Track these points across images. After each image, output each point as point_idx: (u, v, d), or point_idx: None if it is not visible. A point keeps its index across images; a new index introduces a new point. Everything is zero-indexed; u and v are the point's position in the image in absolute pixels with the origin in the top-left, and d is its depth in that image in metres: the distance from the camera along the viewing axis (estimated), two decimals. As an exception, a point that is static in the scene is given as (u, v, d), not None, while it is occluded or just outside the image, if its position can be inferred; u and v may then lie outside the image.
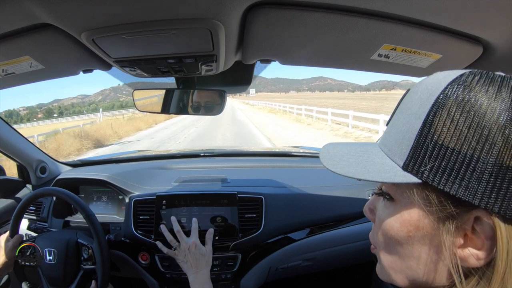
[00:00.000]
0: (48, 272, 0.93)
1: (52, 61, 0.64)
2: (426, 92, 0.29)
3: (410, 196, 0.29)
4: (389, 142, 0.32)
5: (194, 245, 0.87)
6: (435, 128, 0.27)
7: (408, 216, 0.30)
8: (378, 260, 0.37)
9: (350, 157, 0.35)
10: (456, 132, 0.26)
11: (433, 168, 0.27)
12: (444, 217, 0.28)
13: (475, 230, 0.27)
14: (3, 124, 1.11)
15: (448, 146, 0.26)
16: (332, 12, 0.49)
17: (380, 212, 0.35)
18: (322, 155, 0.37)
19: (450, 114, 0.26)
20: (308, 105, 19.08)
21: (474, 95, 0.26)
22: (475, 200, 0.26)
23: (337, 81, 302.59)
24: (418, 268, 0.31)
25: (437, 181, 0.27)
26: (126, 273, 1.13)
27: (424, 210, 0.29)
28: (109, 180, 1.14)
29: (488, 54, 0.58)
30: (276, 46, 0.62)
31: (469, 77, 0.27)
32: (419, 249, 0.30)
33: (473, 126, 0.25)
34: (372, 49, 0.60)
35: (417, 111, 0.29)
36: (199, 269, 0.84)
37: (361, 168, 0.33)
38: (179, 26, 0.48)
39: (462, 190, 0.26)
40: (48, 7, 0.42)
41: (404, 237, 0.31)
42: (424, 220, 0.29)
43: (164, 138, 11.70)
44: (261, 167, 1.42)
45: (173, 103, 0.91)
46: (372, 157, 0.33)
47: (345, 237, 1.11)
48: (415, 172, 0.28)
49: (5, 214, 1.14)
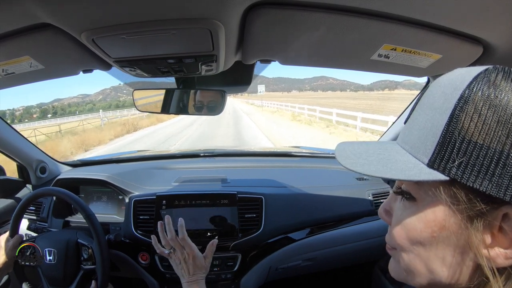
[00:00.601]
0: (48, 272, 0.93)
1: (52, 61, 0.64)
2: (450, 87, 0.28)
3: (436, 194, 0.28)
4: (410, 139, 0.31)
5: (191, 256, 0.77)
6: (462, 123, 0.26)
7: (433, 216, 0.29)
8: (393, 259, 0.36)
9: (369, 155, 0.33)
10: (484, 127, 0.25)
11: (461, 164, 0.26)
12: (473, 215, 0.27)
13: (502, 229, 0.27)
14: (3, 124, 1.11)
15: (476, 141, 0.26)
16: (332, 12, 0.49)
17: (399, 213, 0.33)
18: (338, 153, 0.35)
19: (478, 109, 0.26)
20: (319, 106, 16.14)
21: (500, 90, 0.26)
22: (506, 196, 0.25)
23: (339, 81, 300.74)
24: (441, 270, 0.30)
25: (466, 177, 0.26)
26: (126, 273, 1.13)
27: (451, 208, 0.28)
28: (109, 180, 1.14)
29: (488, 54, 0.58)
30: (276, 46, 0.62)
31: (493, 73, 0.27)
32: (444, 250, 0.29)
33: (501, 121, 0.25)
34: (372, 49, 0.60)
35: (442, 106, 0.28)
36: (194, 279, 0.77)
37: (382, 166, 0.31)
38: (179, 26, 0.48)
39: (493, 186, 0.25)
40: (48, 7, 0.42)
41: (428, 238, 0.29)
42: (450, 219, 0.28)
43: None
44: (261, 167, 1.42)
45: (173, 103, 0.91)
46: (393, 155, 0.31)
47: (345, 237, 1.11)
48: (442, 169, 0.27)
49: (5, 214, 1.14)
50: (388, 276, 1.18)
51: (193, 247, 0.79)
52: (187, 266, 0.77)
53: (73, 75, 0.74)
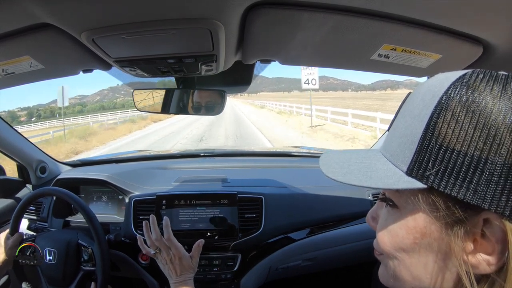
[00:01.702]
0: (47, 272, 0.93)
1: (52, 61, 0.65)
2: (429, 93, 0.28)
3: (415, 202, 0.28)
4: (391, 147, 0.31)
5: (178, 257, 0.77)
6: (439, 130, 0.26)
7: (414, 223, 0.29)
8: (382, 265, 0.36)
9: (351, 164, 0.33)
10: (461, 134, 0.25)
11: (439, 172, 0.26)
12: (452, 222, 0.26)
13: (484, 235, 0.26)
14: (3, 124, 1.11)
15: (454, 148, 0.25)
16: (332, 12, 0.49)
17: (383, 219, 0.33)
18: (322, 162, 0.36)
19: (455, 115, 0.25)
20: (331, 107, 13.94)
21: (478, 94, 0.25)
22: (484, 204, 0.24)
23: (340, 80, 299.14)
24: (425, 277, 0.29)
25: (443, 185, 0.26)
26: (126, 273, 1.12)
27: (431, 216, 0.27)
28: (109, 180, 1.14)
29: (488, 54, 0.58)
30: (276, 46, 0.62)
31: (472, 77, 0.26)
32: (426, 256, 0.29)
33: (479, 126, 0.24)
34: (372, 49, 0.60)
35: (420, 113, 0.28)
36: (182, 279, 0.76)
37: (363, 175, 0.31)
38: (179, 26, 0.48)
39: (471, 193, 0.25)
40: (48, 7, 0.42)
41: (410, 244, 0.29)
42: (431, 227, 0.28)
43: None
44: (261, 167, 1.42)
45: (173, 103, 0.91)
46: (374, 163, 0.32)
47: (345, 237, 1.11)
48: (420, 177, 0.27)
49: (5, 214, 1.14)
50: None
51: (179, 247, 0.78)
52: (174, 266, 0.77)
53: (73, 75, 0.74)
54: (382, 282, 0.36)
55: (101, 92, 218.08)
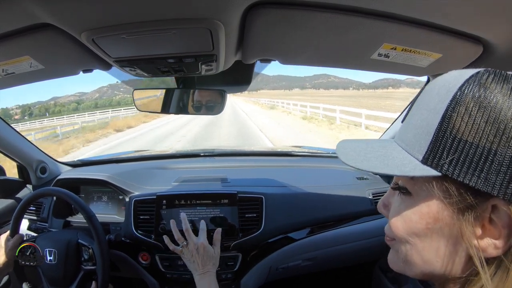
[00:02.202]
0: (48, 272, 0.93)
1: (52, 61, 0.65)
2: (444, 88, 0.30)
3: (430, 189, 0.30)
4: (406, 137, 0.33)
5: (202, 247, 0.84)
6: (453, 122, 0.28)
7: (427, 209, 0.31)
8: (392, 250, 0.37)
9: (367, 153, 0.35)
10: (474, 127, 0.27)
11: (453, 161, 0.28)
12: (464, 208, 0.29)
13: (492, 220, 0.28)
14: (3, 124, 1.11)
15: (467, 140, 0.27)
16: (332, 12, 0.49)
17: (396, 205, 0.35)
18: (339, 151, 0.38)
19: (468, 110, 0.27)
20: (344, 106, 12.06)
21: (490, 92, 0.27)
22: (493, 191, 0.27)
23: (341, 79, 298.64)
24: (435, 261, 0.31)
25: (456, 173, 0.28)
26: (127, 273, 1.13)
27: (444, 202, 0.30)
28: (109, 180, 1.14)
29: (488, 54, 0.59)
30: (276, 46, 0.62)
31: (484, 75, 0.29)
32: (438, 241, 0.31)
33: (490, 121, 0.27)
34: (372, 48, 0.60)
35: (435, 106, 0.30)
36: (206, 270, 0.82)
37: (380, 162, 0.33)
38: (179, 26, 0.48)
39: (481, 181, 0.27)
40: (48, 7, 0.42)
41: (423, 229, 0.31)
42: (444, 212, 0.30)
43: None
44: (261, 167, 1.42)
45: (173, 102, 0.91)
46: (390, 152, 0.34)
47: (345, 237, 1.11)
48: (435, 165, 0.29)
49: (5, 214, 1.14)
50: (388, 276, 1.18)
51: (202, 236, 0.86)
52: (199, 257, 0.83)
53: (73, 75, 0.74)
54: (391, 267, 0.38)
55: (100, 89, 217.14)
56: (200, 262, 0.82)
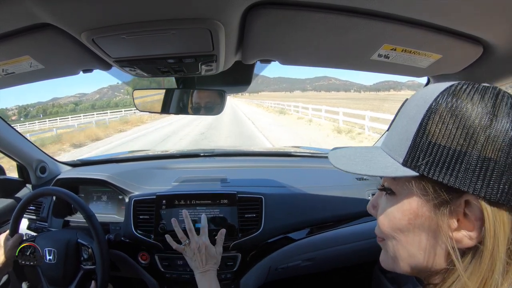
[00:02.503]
0: (47, 272, 0.93)
1: (52, 61, 0.64)
2: (422, 100, 0.34)
3: (410, 188, 0.34)
4: (390, 143, 0.37)
5: (204, 246, 0.85)
6: (429, 129, 0.32)
7: (409, 206, 0.35)
8: (383, 250, 0.42)
9: (356, 157, 0.40)
10: (446, 132, 0.31)
11: (428, 162, 0.32)
12: (439, 203, 0.32)
13: (466, 215, 0.32)
14: (3, 123, 1.11)
15: (440, 144, 0.31)
16: (332, 12, 0.49)
17: (383, 205, 0.39)
18: (331, 157, 0.42)
19: (442, 118, 0.32)
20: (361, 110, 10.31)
21: (461, 102, 0.31)
22: (464, 187, 0.31)
23: (342, 81, 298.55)
24: (419, 254, 0.35)
25: (432, 173, 0.32)
26: (126, 273, 1.13)
27: (422, 198, 0.34)
28: (109, 180, 1.14)
29: (488, 54, 0.58)
30: (276, 46, 0.62)
31: (457, 87, 0.33)
32: (419, 235, 0.35)
33: (460, 126, 0.31)
34: (372, 49, 0.60)
35: (414, 116, 0.34)
36: (207, 269, 0.83)
37: (365, 165, 0.38)
38: (179, 26, 0.48)
39: (453, 179, 0.31)
40: (48, 7, 0.42)
41: (406, 225, 0.35)
42: (423, 208, 0.34)
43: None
44: (261, 167, 1.42)
45: (173, 103, 0.91)
46: (376, 157, 0.38)
47: (344, 237, 1.11)
48: (413, 167, 0.33)
49: (5, 214, 1.14)
50: (388, 276, 1.18)
51: (204, 235, 0.87)
52: (201, 255, 0.84)
53: (73, 75, 0.74)
54: (383, 265, 0.42)
55: (101, 91, 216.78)
56: (202, 261, 0.83)
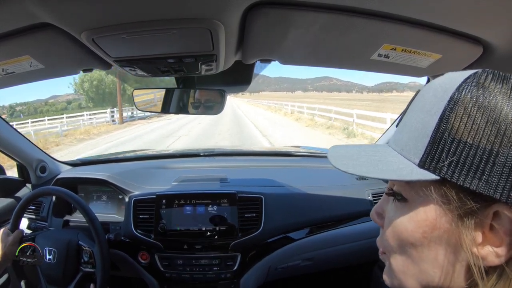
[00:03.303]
0: (47, 271, 0.93)
1: (52, 60, 0.65)
2: (441, 89, 0.29)
3: (427, 194, 0.28)
4: (402, 141, 0.32)
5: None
6: (452, 124, 0.27)
7: (424, 216, 0.29)
8: (386, 265, 0.35)
9: (360, 157, 0.34)
10: (474, 127, 0.26)
11: (452, 163, 0.27)
12: (464, 214, 0.27)
13: (493, 227, 0.27)
14: (3, 123, 1.11)
15: (466, 141, 0.26)
16: (332, 12, 0.49)
17: (391, 214, 0.33)
18: (330, 155, 0.36)
19: (467, 110, 0.26)
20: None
21: (489, 92, 0.26)
22: (496, 194, 0.25)
23: (343, 82, 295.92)
24: (433, 271, 0.29)
25: (456, 176, 0.26)
26: (126, 273, 1.13)
27: (442, 207, 0.28)
28: (109, 179, 1.14)
29: (488, 54, 0.58)
30: (276, 46, 0.62)
31: (482, 75, 0.28)
32: (435, 250, 0.29)
33: (490, 121, 0.25)
34: (372, 49, 0.60)
35: (432, 108, 0.29)
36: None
37: (373, 167, 0.32)
38: (179, 26, 0.48)
39: (483, 184, 0.25)
40: (48, 6, 0.42)
41: (419, 238, 0.29)
42: (442, 219, 0.28)
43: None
44: (261, 167, 1.42)
45: (173, 102, 0.91)
46: (385, 156, 0.32)
47: (344, 237, 1.11)
48: (433, 168, 0.28)
49: (5, 214, 1.14)
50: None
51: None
52: None
53: (73, 75, 0.74)
54: (387, 283, 0.35)
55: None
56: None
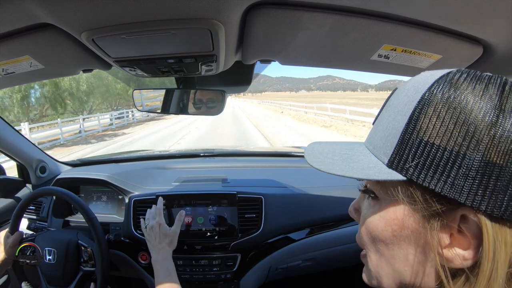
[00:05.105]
0: (47, 272, 0.93)
1: (52, 60, 0.64)
2: (413, 89, 0.29)
3: (395, 194, 0.29)
4: (374, 139, 0.32)
5: (158, 225, 0.87)
6: (420, 125, 0.27)
7: (393, 215, 0.29)
8: (365, 266, 0.35)
9: (335, 155, 0.34)
10: (442, 129, 0.25)
11: (418, 165, 0.26)
12: (429, 215, 0.27)
13: (461, 230, 0.26)
14: (3, 123, 1.11)
15: (433, 142, 0.26)
16: (332, 12, 0.49)
17: (365, 211, 0.34)
18: (307, 153, 0.36)
19: (436, 111, 0.26)
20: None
21: (460, 92, 0.26)
22: (461, 198, 0.25)
23: (346, 80, 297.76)
24: (404, 270, 0.30)
25: (422, 178, 0.26)
26: (126, 273, 1.13)
27: (409, 208, 0.28)
28: (109, 180, 1.14)
29: (488, 55, 0.58)
30: (276, 46, 0.62)
31: (455, 75, 0.27)
32: (406, 249, 0.29)
33: (459, 123, 0.25)
34: (372, 49, 0.60)
35: (403, 108, 0.29)
36: (161, 247, 0.85)
37: (345, 165, 0.32)
38: (179, 26, 0.48)
39: (448, 187, 0.25)
40: (48, 7, 0.42)
41: (389, 236, 0.30)
42: (409, 219, 0.28)
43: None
44: (261, 167, 1.42)
45: (173, 103, 0.91)
46: (357, 155, 0.32)
47: (344, 237, 1.11)
48: (400, 169, 0.28)
49: (5, 214, 1.14)
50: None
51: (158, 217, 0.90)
52: (155, 235, 0.86)
53: (73, 75, 0.74)
54: (366, 282, 0.36)
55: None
56: (156, 238, 0.86)
